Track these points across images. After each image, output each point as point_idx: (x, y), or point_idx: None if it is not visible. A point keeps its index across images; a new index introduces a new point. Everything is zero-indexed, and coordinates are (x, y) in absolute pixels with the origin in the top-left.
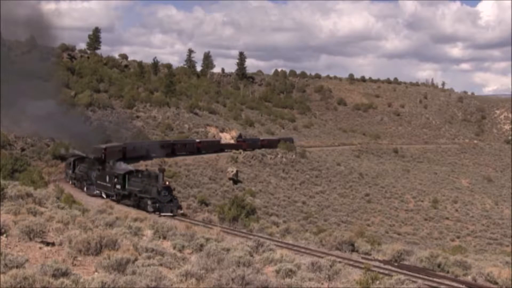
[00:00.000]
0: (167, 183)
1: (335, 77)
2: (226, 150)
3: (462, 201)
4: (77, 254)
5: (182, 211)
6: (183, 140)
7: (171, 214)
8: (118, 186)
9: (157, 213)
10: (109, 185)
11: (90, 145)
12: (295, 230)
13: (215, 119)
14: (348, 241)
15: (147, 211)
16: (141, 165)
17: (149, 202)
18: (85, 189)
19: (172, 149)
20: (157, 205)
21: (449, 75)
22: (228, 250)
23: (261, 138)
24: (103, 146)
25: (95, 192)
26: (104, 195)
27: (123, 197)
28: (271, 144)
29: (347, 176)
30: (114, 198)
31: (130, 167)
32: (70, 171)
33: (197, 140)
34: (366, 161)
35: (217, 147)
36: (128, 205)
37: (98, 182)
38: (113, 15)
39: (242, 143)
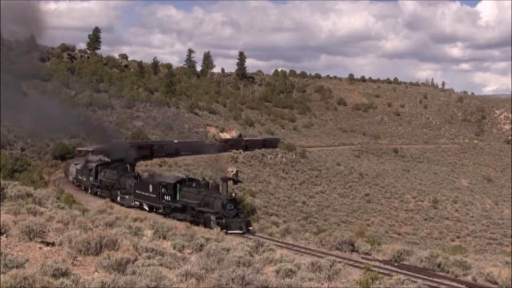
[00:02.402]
0: (233, 194)
1: (335, 77)
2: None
3: (462, 201)
4: (77, 254)
5: (251, 228)
6: (161, 142)
7: (241, 232)
8: (167, 198)
9: (224, 231)
10: (153, 195)
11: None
12: (295, 230)
13: (215, 119)
14: (348, 241)
15: (209, 228)
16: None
17: (212, 217)
18: (118, 199)
19: (150, 150)
20: (224, 221)
21: (449, 75)
22: (228, 250)
23: (245, 138)
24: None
25: (133, 203)
26: (146, 207)
27: (174, 210)
28: (254, 145)
29: (347, 176)
30: (162, 211)
31: (181, 175)
32: (91, 178)
33: (175, 141)
34: (366, 161)
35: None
36: (180, 220)
37: (138, 191)
38: (112, 15)
39: (224, 144)
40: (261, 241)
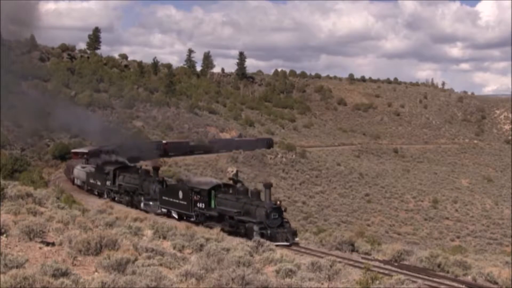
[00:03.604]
0: (277, 202)
1: (335, 77)
2: (196, 152)
3: (462, 201)
4: (77, 254)
5: (297, 239)
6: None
7: (288, 244)
8: (200, 205)
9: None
10: (183, 202)
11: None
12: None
13: (215, 119)
14: (348, 241)
15: (250, 239)
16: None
17: (255, 228)
18: (141, 205)
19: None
20: (268, 232)
21: (448, 75)
22: (228, 250)
23: (164, 141)
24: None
25: (159, 211)
26: (175, 215)
27: (209, 218)
28: (177, 149)
29: (347, 176)
30: (194, 219)
31: (215, 180)
32: (108, 183)
33: (164, 142)
34: (366, 161)
35: (186, 148)
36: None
37: (165, 198)
38: (112, 15)
39: (215, 145)
40: (261, 241)
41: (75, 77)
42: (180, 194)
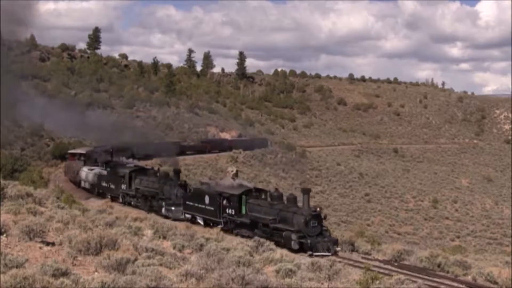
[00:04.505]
0: (318, 209)
1: (335, 77)
2: (188, 153)
3: (462, 201)
4: (77, 254)
5: (339, 249)
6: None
7: (329, 254)
8: (229, 211)
9: (309, 252)
10: (211, 208)
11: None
12: None
13: (215, 119)
14: (348, 241)
15: (289, 248)
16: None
17: (293, 236)
18: (163, 210)
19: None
20: (308, 241)
21: (448, 75)
22: (228, 250)
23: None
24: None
25: (182, 216)
26: (200, 221)
27: (239, 226)
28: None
29: (347, 176)
30: (222, 226)
31: (246, 183)
32: (124, 186)
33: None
34: (366, 161)
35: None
36: (245, 237)
37: (189, 203)
38: (112, 15)
39: (207, 145)
40: (261, 241)
41: (75, 77)
42: (207, 199)
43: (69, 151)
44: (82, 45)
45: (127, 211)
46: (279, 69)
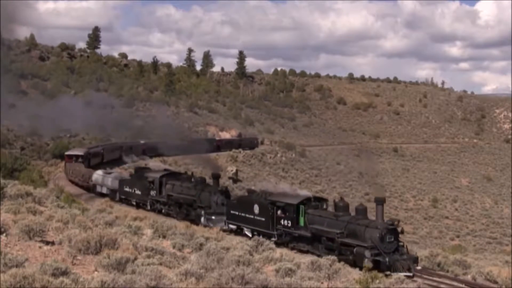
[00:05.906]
0: (396, 222)
1: (335, 76)
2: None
3: (461, 200)
4: (76, 253)
5: (419, 267)
6: (131, 142)
7: (411, 274)
8: (285, 222)
9: (387, 273)
10: (261, 219)
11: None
12: None
13: (215, 118)
14: None
15: (359, 267)
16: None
17: (367, 253)
18: (202, 220)
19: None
20: (387, 259)
21: (448, 74)
22: (227, 249)
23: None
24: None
25: (225, 227)
26: (248, 233)
27: (297, 239)
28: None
29: (347, 175)
30: (276, 239)
31: (304, 191)
32: (153, 193)
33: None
34: (366, 161)
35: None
36: (304, 252)
37: (233, 212)
38: (112, 14)
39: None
40: (261, 240)
41: (74, 76)
42: (256, 208)
43: (66, 153)
44: (81, 45)
45: (126, 210)
46: (279, 69)
